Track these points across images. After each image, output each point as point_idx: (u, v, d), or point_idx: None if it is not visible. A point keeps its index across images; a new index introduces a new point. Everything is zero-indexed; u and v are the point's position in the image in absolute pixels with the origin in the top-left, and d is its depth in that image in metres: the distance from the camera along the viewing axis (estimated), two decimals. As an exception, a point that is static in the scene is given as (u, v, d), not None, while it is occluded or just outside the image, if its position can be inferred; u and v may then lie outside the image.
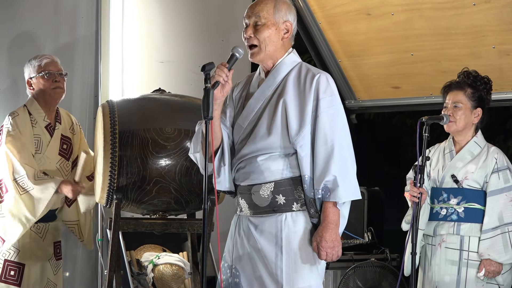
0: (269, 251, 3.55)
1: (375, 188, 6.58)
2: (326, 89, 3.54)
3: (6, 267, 4.69)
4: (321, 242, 3.50)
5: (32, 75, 4.80)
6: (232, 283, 3.65)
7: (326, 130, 3.51)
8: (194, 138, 3.67)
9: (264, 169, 3.55)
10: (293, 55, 3.67)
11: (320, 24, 6.11)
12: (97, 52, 5.81)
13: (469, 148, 4.60)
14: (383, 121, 10.73)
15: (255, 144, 3.57)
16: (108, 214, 5.40)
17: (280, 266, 3.53)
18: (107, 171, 4.37)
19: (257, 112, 3.61)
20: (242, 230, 3.65)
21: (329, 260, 3.53)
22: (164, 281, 5.18)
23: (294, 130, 3.52)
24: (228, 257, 3.69)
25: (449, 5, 5.43)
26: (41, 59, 4.81)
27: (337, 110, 3.55)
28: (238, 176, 3.64)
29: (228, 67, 3.48)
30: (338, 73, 6.28)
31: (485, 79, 4.61)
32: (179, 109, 4.61)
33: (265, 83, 3.63)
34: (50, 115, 4.83)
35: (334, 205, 3.51)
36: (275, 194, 3.55)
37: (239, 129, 3.65)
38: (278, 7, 3.60)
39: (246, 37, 3.61)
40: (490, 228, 4.49)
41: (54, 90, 4.79)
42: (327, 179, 3.48)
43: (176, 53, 6.08)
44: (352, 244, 6.09)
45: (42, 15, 5.67)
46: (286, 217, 3.55)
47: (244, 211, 3.64)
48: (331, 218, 3.51)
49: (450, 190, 4.59)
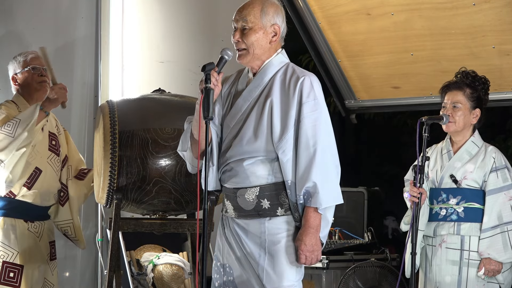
0: (254, 251, 3.59)
1: (375, 188, 6.59)
2: (309, 93, 3.53)
3: (5, 269, 4.68)
4: (300, 245, 3.53)
5: (18, 71, 4.79)
6: (226, 281, 3.66)
7: (308, 135, 3.51)
8: (183, 136, 3.69)
9: (250, 174, 3.56)
10: (281, 55, 3.66)
11: (320, 24, 6.10)
12: (97, 52, 5.81)
13: (467, 148, 4.60)
14: (383, 121, 10.72)
15: (241, 147, 3.57)
16: (108, 214, 5.40)
17: (262, 266, 3.56)
18: (107, 171, 4.37)
19: (244, 112, 3.61)
20: (230, 230, 3.67)
21: (308, 264, 3.56)
22: (164, 281, 5.18)
23: (277, 136, 3.52)
24: (220, 255, 3.71)
25: (449, 5, 5.42)
26: (26, 54, 4.81)
27: (319, 114, 3.54)
28: (224, 178, 3.65)
29: (217, 70, 3.49)
30: (338, 73, 6.27)
31: (483, 79, 4.61)
32: (179, 109, 4.61)
33: (253, 83, 3.63)
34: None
35: (315, 210, 3.53)
36: (260, 198, 3.57)
37: (226, 128, 3.65)
38: (265, 11, 3.59)
39: (234, 41, 3.62)
40: (489, 227, 4.49)
41: (40, 84, 4.79)
42: (307, 185, 3.49)
43: (176, 53, 6.08)
44: (352, 244, 6.09)
45: (42, 15, 5.68)
46: (270, 219, 3.58)
47: (229, 212, 3.66)
48: (311, 223, 3.53)
49: (449, 190, 4.59)
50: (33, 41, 5.57)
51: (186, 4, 6.16)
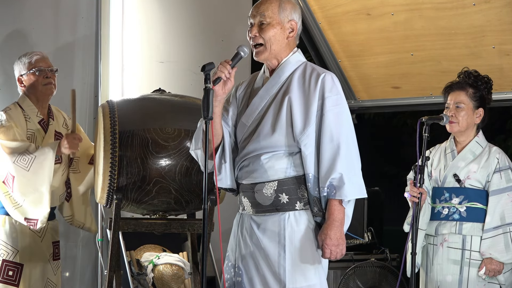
0: (272, 250, 3.55)
1: (375, 188, 6.59)
2: (331, 88, 3.55)
3: (4, 267, 4.69)
4: (325, 239, 3.50)
5: (23, 72, 4.79)
6: (235, 282, 3.64)
7: (332, 128, 3.51)
8: (195, 135, 3.67)
9: (268, 168, 3.55)
10: (298, 54, 3.68)
11: (320, 24, 6.11)
12: (97, 52, 5.81)
13: (470, 148, 4.60)
14: (383, 121, 10.74)
15: (259, 143, 3.56)
16: (108, 214, 5.40)
17: (283, 265, 3.52)
18: (107, 171, 4.37)
19: (261, 110, 3.61)
20: (245, 229, 3.64)
21: (333, 258, 3.52)
22: (164, 281, 5.18)
23: (299, 128, 3.52)
24: (232, 256, 3.69)
25: (449, 5, 5.43)
26: (31, 56, 4.81)
27: (342, 108, 3.57)
28: (241, 175, 3.63)
29: (231, 64, 3.49)
30: (338, 73, 6.27)
31: (486, 78, 4.61)
32: (179, 109, 4.61)
33: (270, 81, 3.64)
34: (42, 112, 4.82)
35: (339, 203, 3.51)
36: (278, 193, 3.55)
37: (242, 127, 3.65)
38: (283, 6, 3.60)
39: (251, 36, 3.61)
40: (492, 227, 4.49)
41: (45, 86, 4.79)
42: (333, 177, 3.48)
43: (176, 53, 6.08)
44: (352, 244, 6.09)
45: (42, 15, 5.67)
46: (289, 216, 3.55)
47: (247, 209, 3.64)
48: (336, 216, 3.51)
49: (452, 189, 4.59)
50: (33, 41, 5.57)
51: (186, 4, 6.15)
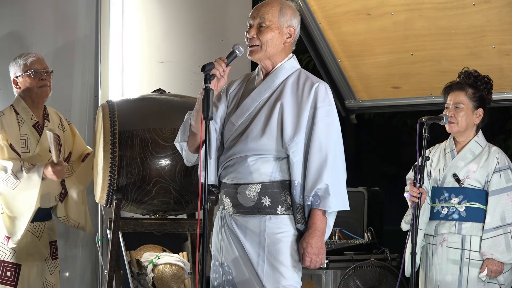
0: (252, 250, 3.58)
1: (375, 188, 6.58)
2: (324, 98, 3.57)
3: (2, 268, 4.69)
4: (307, 248, 3.53)
5: (18, 74, 4.78)
6: (225, 280, 3.66)
7: (322, 139, 3.53)
8: (182, 126, 3.67)
9: (253, 170, 3.57)
10: (293, 60, 3.69)
11: (320, 24, 6.11)
12: (97, 52, 5.80)
13: (470, 147, 4.60)
14: (383, 121, 10.72)
15: (246, 144, 3.57)
16: (108, 214, 5.40)
17: (262, 266, 3.56)
18: (107, 171, 4.37)
19: (252, 112, 3.62)
20: (228, 228, 3.66)
21: (312, 267, 3.56)
22: (164, 281, 5.18)
23: (289, 135, 3.54)
24: (218, 255, 3.70)
25: (449, 5, 5.43)
26: (26, 57, 4.79)
27: (333, 120, 3.58)
28: (225, 174, 3.65)
29: (226, 62, 3.50)
30: (338, 73, 6.28)
31: (486, 78, 4.61)
32: (179, 109, 4.61)
33: (263, 84, 3.64)
34: (37, 114, 4.82)
35: (323, 214, 3.55)
36: (261, 195, 3.57)
37: (231, 126, 3.65)
38: (283, 11, 3.62)
39: (248, 37, 3.62)
40: (492, 227, 4.50)
41: (41, 88, 4.78)
42: (318, 187, 3.51)
43: (176, 53, 6.08)
44: (352, 244, 6.08)
45: (42, 15, 5.67)
46: (270, 218, 3.58)
47: (227, 209, 3.66)
48: (318, 226, 3.54)
49: (452, 189, 4.59)
50: (33, 41, 5.56)
51: (186, 4, 6.15)
